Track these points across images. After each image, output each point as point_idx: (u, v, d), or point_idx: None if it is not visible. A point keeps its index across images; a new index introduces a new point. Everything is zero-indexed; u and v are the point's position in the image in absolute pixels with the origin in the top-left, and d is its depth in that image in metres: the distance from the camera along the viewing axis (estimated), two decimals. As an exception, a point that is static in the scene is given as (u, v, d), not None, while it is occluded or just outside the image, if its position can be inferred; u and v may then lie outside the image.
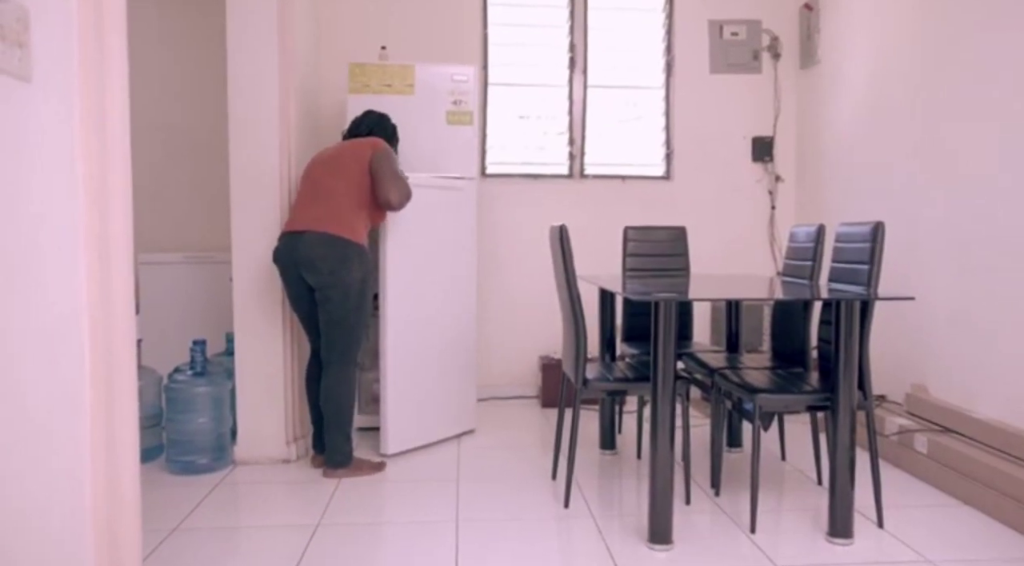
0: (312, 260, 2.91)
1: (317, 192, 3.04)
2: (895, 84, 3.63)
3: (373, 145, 3.08)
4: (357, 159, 3.04)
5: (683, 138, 4.58)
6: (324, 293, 2.95)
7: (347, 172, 3.03)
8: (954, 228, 3.20)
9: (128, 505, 1.60)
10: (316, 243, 2.92)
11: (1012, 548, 2.37)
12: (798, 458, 3.28)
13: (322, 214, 2.97)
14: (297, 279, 3.00)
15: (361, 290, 2.98)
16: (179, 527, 2.53)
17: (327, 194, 3.01)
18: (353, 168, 3.03)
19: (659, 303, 2.32)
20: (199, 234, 4.27)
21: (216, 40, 3.18)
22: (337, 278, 2.92)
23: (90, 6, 1.48)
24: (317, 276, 2.93)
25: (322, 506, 2.73)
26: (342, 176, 3.03)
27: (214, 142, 3.84)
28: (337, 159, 3.09)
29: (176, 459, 3.09)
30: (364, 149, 3.07)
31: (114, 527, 1.56)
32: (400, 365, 3.36)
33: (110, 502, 1.55)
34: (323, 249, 2.91)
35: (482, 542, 2.43)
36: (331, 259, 2.91)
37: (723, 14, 4.56)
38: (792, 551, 2.35)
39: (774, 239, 4.61)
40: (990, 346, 2.99)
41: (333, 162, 3.09)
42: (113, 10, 1.56)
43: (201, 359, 3.13)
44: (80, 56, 1.45)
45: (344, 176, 3.02)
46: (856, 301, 2.38)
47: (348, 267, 2.93)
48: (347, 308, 2.96)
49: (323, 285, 2.93)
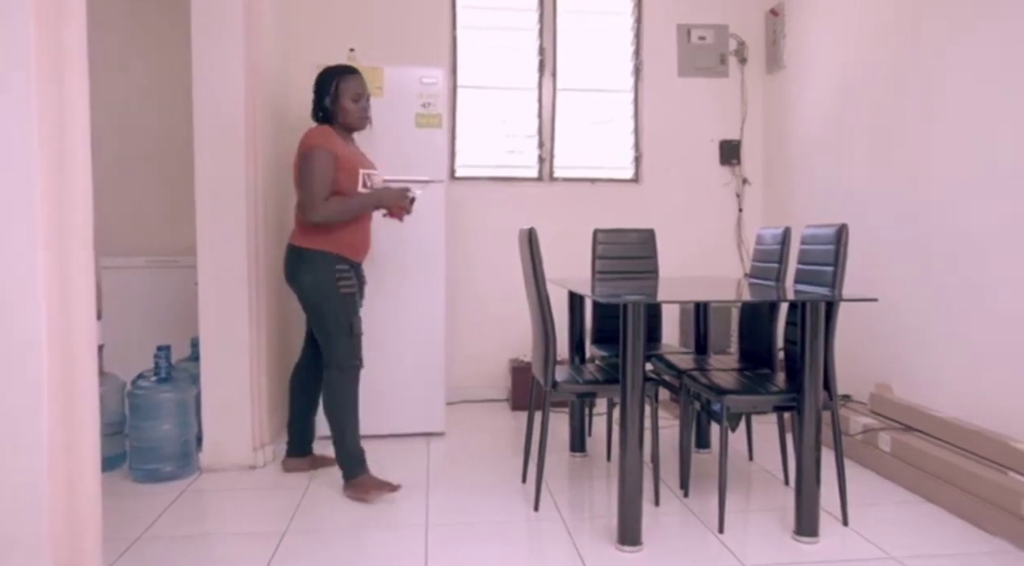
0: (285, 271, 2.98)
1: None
2: (858, 90, 3.69)
3: (301, 142, 2.89)
4: (296, 159, 2.91)
5: (652, 141, 4.61)
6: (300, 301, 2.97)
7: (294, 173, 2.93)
8: (916, 231, 3.26)
9: (88, 514, 1.57)
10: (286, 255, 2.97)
11: (973, 543, 2.41)
12: (766, 458, 3.31)
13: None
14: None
15: (319, 293, 2.88)
16: (142, 536, 2.48)
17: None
18: (295, 171, 2.92)
19: (628, 305, 2.33)
20: (164, 237, 4.20)
21: (183, 40, 3.13)
22: (296, 285, 2.93)
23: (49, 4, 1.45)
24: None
25: (290, 512, 2.70)
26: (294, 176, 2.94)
27: (180, 144, 3.78)
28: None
29: (140, 467, 3.03)
30: (299, 147, 2.90)
31: (74, 537, 1.53)
32: None
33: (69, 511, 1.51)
34: (286, 261, 2.96)
35: (452, 546, 2.42)
36: (288, 268, 2.95)
37: (691, 18, 4.60)
38: (759, 551, 2.37)
39: (742, 241, 4.65)
40: (951, 346, 3.05)
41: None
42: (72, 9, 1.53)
43: (165, 365, 3.08)
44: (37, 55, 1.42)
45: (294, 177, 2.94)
46: (821, 302, 2.41)
47: (299, 274, 2.90)
48: (314, 314, 2.93)
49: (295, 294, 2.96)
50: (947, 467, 2.72)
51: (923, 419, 3.05)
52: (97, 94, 1.81)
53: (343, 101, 2.91)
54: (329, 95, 2.92)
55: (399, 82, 3.61)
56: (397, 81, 3.61)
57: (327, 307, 2.90)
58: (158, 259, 4.03)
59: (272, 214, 3.64)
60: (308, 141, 2.86)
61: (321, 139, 2.86)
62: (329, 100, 2.92)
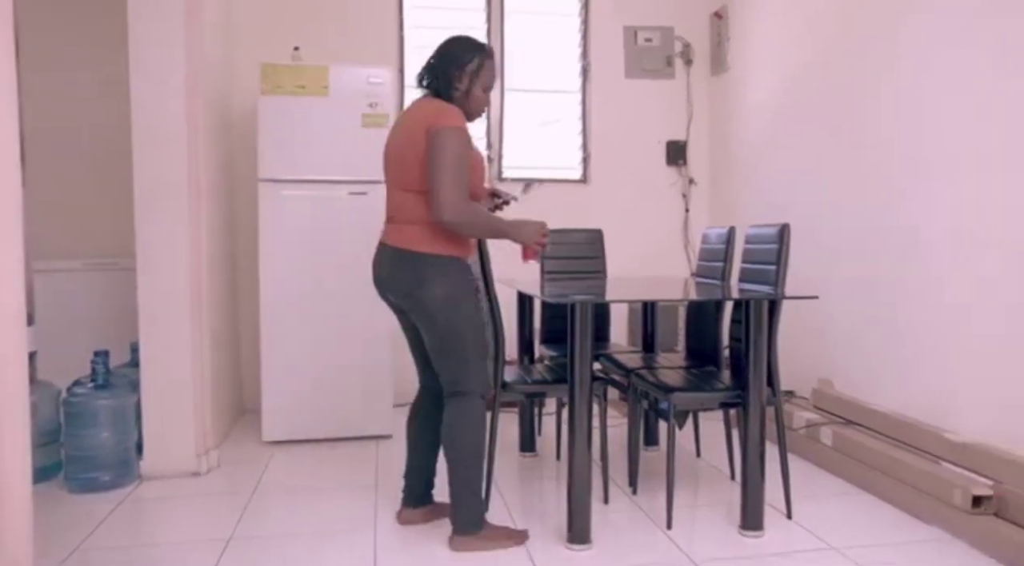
0: (386, 281, 2.40)
1: (388, 183, 2.45)
2: (800, 91, 3.77)
3: (428, 118, 2.28)
4: (411, 141, 2.30)
5: (599, 142, 4.65)
6: (415, 317, 2.38)
7: (403, 159, 2.34)
8: (857, 230, 3.35)
9: (16, 527, 1.51)
10: (388, 260, 2.39)
11: (909, 532, 2.49)
12: (713, 454, 3.36)
13: (392, 217, 2.42)
14: (387, 299, 2.49)
15: (455, 309, 2.33)
16: (79, 548, 2.40)
17: (390, 188, 2.42)
18: (408, 155, 2.31)
19: (576, 305, 2.34)
20: (103, 239, 4.07)
21: (122, 37, 3.04)
22: (418, 300, 2.33)
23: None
24: (398, 299, 2.41)
25: (234, 519, 2.64)
26: (400, 162, 2.35)
27: (119, 143, 3.67)
28: (397, 136, 2.40)
29: (76, 476, 2.93)
30: (418, 126, 2.29)
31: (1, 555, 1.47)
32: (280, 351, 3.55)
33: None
34: (394, 268, 2.37)
35: (401, 548, 2.40)
36: (406, 278, 2.33)
37: (637, 20, 4.65)
38: (706, 545, 2.41)
39: (688, 241, 4.72)
40: (889, 342, 3.14)
41: (395, 140, 2.41)
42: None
43: (103, 371, 2.98)
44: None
45: (401, 163, 2.35)
46: (764, 300, 2.45)
47: (429, 286, 2.30)
48: (448, 333, 2.33)
49: (407, 309, 2.39)
50: (885, 459, 2.80)
51: (863, 413, 3.13)
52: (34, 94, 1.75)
53: (479, 87, 2.40)
54: (467, 73, 2.37)
55: (345, 81, 3.57)
56: (343, 80, 3.57)
57: (467, 325, 2.35)
58: (96, 261, 3.92)
59: (216, 214, 3.57)
60: (449, 118, 2.27)
61: (461, 120, 2.30)
62: (466, 79, 2.37)
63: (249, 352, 4.16)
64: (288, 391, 3.56)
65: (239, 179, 4.16)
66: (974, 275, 2.69)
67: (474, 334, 2.37)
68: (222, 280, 3.74)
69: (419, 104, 2.40)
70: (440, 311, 2.31)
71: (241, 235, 4.18)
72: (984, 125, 2.65)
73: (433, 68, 2.40)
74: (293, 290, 3.55)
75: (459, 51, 2.39)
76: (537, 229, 2.44)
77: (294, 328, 3.55)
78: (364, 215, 3.58)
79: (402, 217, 2.36)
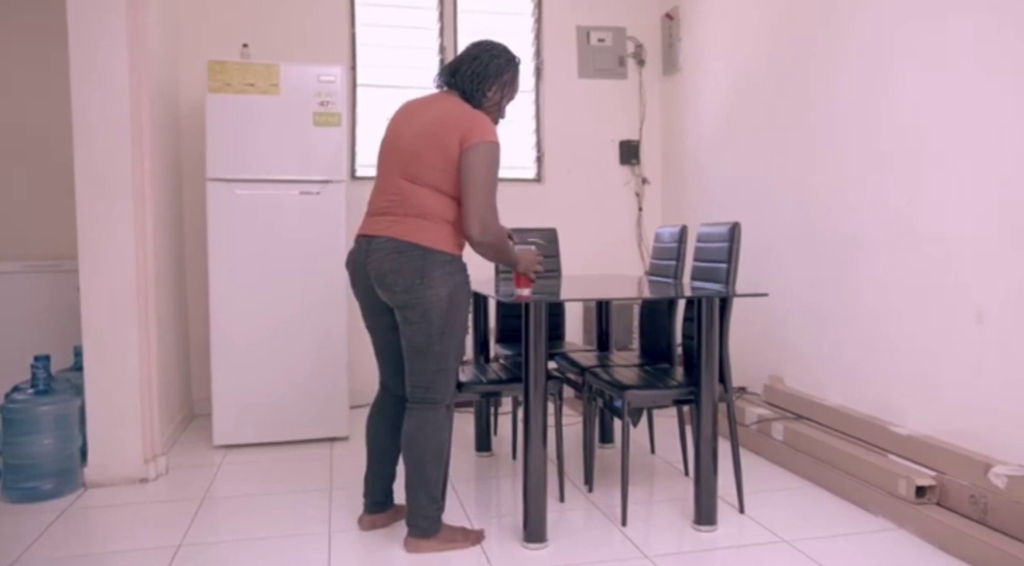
0: (384, 275, 2.26)
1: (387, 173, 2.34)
2: (750, 92, 3.84)
3: (464, 125, 2.22)
4: (438, 141, 2.23)
5: (553, 141, 4.66)
6: (401, 314, 2.28)
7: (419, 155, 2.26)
8: (805, 228, 3.42)
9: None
10: (388, 253, 2.25)
11: (857, 523, 2.55)
12: (667, 450, 3.39)
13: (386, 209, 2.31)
14: (368, 292, 2.36)
15: (451, 312, 2.26)
16: (17, 560, 2.32)
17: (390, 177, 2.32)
18: (430, 155, 2.24)
19: (530, 304, 2.34)
20: (44, 241, 3.95)
21: (60, 31, 2.95)
22: (415, 297, 2.23)
23: None
24: (393, 294, 2.27)
25: (184, 525, 2.58)
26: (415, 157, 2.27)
27: (59, 142, 3.56)
28: (414, 130, 2.29)
29: (15, 486, 2.83)
30: (449, 130, 2.23)
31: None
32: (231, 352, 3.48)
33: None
34: (396, 262, 2.24)
35: (356, 553, 2.37)
36: (405, 272, 2.22)
37: (590, 20, 4.67)
38: (661, 541, 2.43)
39: (642, 239, 4.76)
40: (837, 338, 3.21)
41: (411, 133, 2.29)
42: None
43: (44, 376, 2.89)
44: None
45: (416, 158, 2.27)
46: (715, 298, 2.49)
47: (431, 284, 2.22)
48: (436, 335, 2.26)
49: (399, 304, 2.27)
50: (833, 453, 2.86)
51: (812, 408, 3.19)
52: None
53: (507, 99, 2.41)
54: (500, 84, 2.36)
55: (296, 80, 3.51)
56: (294, 79, 3.51)
57: (458, 329, 2.30)
58: (37, 264, 3.80)
59: (163, 214, 3.49)
60: (489, 132, 2.23)
61: (497, 135, 2.27)
62: (499, 89, 2.36)
63: (199, 354, 4.08)
64: (240, 393, 3.49)
65: (187, 179, 4.07)
66: (918, 272, 2.76)
67: (460, 339, 2.34)
68: (170, 281, 3.66)
69: (446, 103, 2.32)
70: (438, 311, 2.24)
71: (189, 235, 4.09)
72: (930, 125, 2.72)
73: (467, 70, 2.33)
74: (243, 291, 3.48)
75: (499, 59, 2.35)
76: (533, 259, 2.46)
77: (245, 330, 3.49)
78: (316, 215, 3.54)
79: (403, 210, 2.27)
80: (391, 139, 2.36)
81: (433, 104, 2.34)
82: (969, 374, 2.54)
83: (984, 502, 2.28)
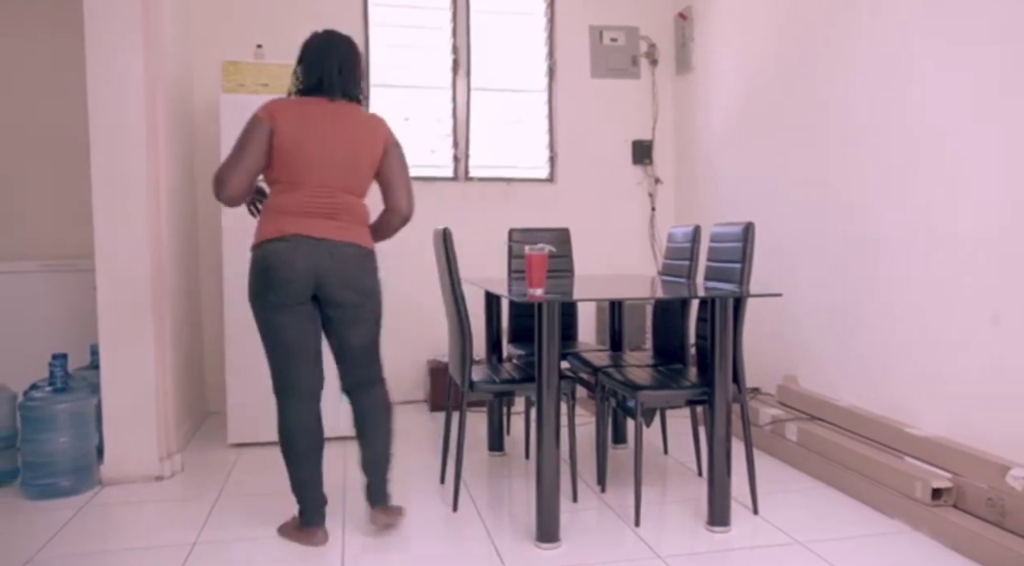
0: (349, 278, 2.36)
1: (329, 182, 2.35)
2: (763, 91, 3.82)
3: (383, 132, 2.46)
4: (371, 152, 2.41)
5: (566, 141, 4.66)
6: (355, 312, 2.40)
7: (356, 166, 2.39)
8: (819, 228, 3.40)
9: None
10: (350, 258, 2.36)
11: (872, 525, 2.53)
12: (680, 451, 3.39)
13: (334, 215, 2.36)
14: (305, 292, 2.34)
15: (381, 299, 2.51)
16: (35, 557, 2.34)
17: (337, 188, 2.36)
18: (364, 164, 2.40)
19: (543, 304, 2.34)
20: (61, 240, 3.98)
21: (77, 33, 2.97)
22: (369, 296, 2.43)
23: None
24: (353, 295, 2.38)
25: (199, 523, 2.60)
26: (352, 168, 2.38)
27: (77, 142, 3.59)
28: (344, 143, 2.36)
29: (34, 483, 2.85)
30: (377, 140, 2.42)
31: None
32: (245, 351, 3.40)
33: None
34: (358, 266, 2.39)
35: (370, 548, 2.38)
36: (365, 274, 2.41)
37: (603, 20, 4.67)
38: (674, 541, 2.42)
39: (655, 239, 4.75)
40: (850, 338, 3.19)
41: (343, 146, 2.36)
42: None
43: (61, 374, 2.91)
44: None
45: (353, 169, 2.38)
46: (729, 298, 2.48)
47: (376, 283, 2.46)
48: (376, 326, 2.50)
49: (356, 304, 2.39)
50: (848, 454, 2.84)
51: (826, 409, 3.18)
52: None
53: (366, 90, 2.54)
54: (363, 76, 2.54)
55: (310, 79, 3.52)
56: (307, 78, 3.52)
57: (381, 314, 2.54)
58: (54, 263, 3.83)
59: (178, 213, 3.51)
60: (391, 133, 2.50)
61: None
62: (365, 82, 2.51)
63: (213, 353, 4.10)
64: (254, 392, 3.49)
65: (201, 178, 4.09)
66: (934, 272, 2.75)
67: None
68: (185, 280, 3.68)
69: (360, 114, 2.45)
70: (379, 304, 2.49)
71: (203, 234, 4.12)
72: (946, 124, 2.70)
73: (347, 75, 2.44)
74: (258, 291, 3.49)
75: (355, 51, 2.52)
76: None
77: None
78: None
79: (350, 217, 2.40)
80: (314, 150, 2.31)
81: (352, 117, 2.41)
82: (985, 375, 2.52)
83: (1002, 505, 2.26)
